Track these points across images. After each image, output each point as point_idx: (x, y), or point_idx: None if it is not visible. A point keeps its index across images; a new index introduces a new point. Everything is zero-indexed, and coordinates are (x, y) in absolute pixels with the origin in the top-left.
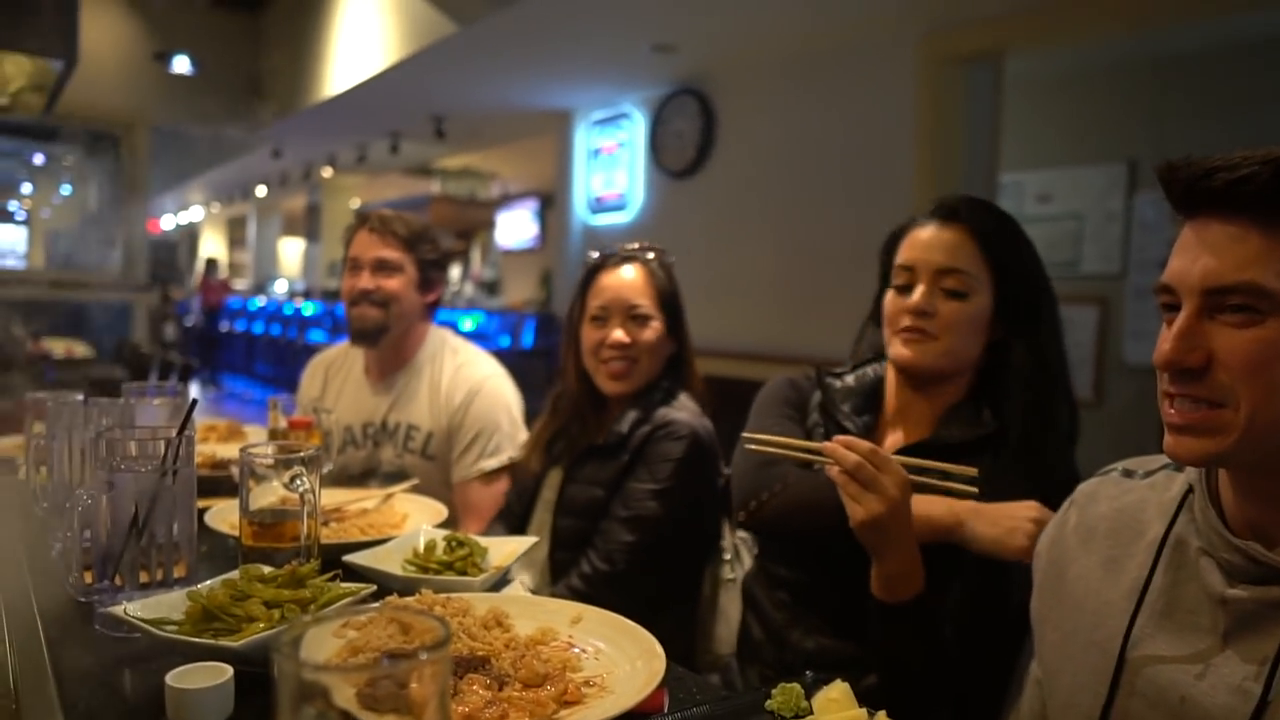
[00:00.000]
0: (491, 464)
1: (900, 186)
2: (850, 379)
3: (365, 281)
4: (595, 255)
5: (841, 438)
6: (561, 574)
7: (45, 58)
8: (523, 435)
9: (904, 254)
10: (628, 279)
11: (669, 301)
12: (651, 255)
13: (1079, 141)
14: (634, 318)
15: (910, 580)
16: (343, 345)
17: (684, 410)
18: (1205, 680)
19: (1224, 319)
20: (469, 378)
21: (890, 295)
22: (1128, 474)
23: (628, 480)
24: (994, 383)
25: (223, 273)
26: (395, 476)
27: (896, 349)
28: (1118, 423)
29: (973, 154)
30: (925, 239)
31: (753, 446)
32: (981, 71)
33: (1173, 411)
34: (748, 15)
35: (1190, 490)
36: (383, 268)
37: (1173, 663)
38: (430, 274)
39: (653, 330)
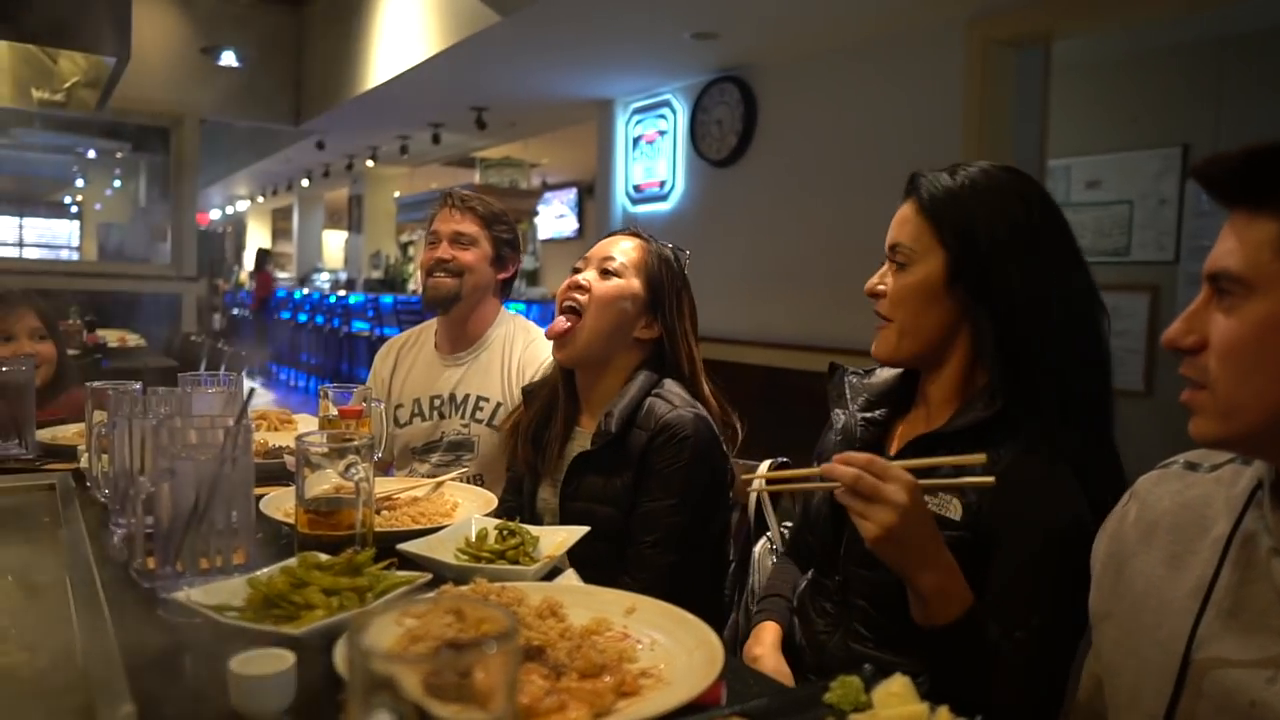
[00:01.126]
0: None
1: None
2: (873, 374)
3: (443, 252)
4: None
5: (839, 455)
6: None
7: (99, 54)
8: None
9: None
10: (616, 240)
11: (654, 280)
12: (662, 244)
13: (1130, 126)
14: (603, 271)
15: (950, 596)
16: (416, 329)
17: (673, 401)
18: (1277, 684)
19: (1219, 303)
20: (542, 352)
21: None
22: (1191, 466)
23: (641, 499)
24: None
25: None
26: (459, 445)
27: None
28: (1169, 413)
29: (1021, 140)
30: (893, 220)
31: (756, 486)
32: (1030, 56)
33: (1184, 391)
34: (789, 2)
35: (1260, 485)
36: (459, 240)
37: (1242, 665)
38: (504, 251)
39: (612, 285)
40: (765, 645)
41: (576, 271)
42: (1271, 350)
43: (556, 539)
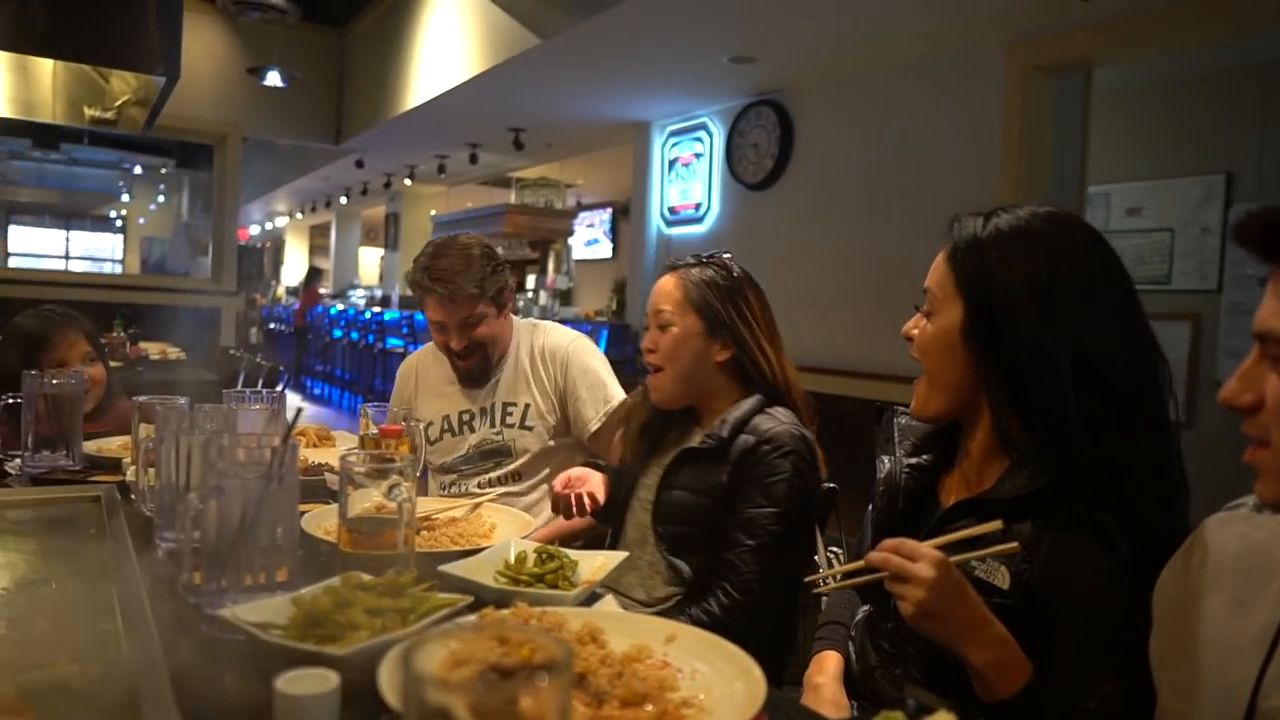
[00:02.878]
0: (614, 406)
1: (985, 199)
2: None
3: (456, 343)
4: None
5: (883, 542)
6: (665, 574)
7: (149, 74)
8: (614, 381)
9: None
10: (659, 287)
11: (702, 305)
12: (704, 264)
13: (1171, 152)
14: (660, 325)
15: (1007, 669)
16: (429, 349)
17: (781, 421)
18: None
19: (1269, 364)
20: (555, 343)
21: None
22: (1260, 508)
23: (739, 504)
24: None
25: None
26: (495, 453)
27: None
28: (1211, 445)
29: (1061, 166)
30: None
31: (819, 590)
32: (1070, 81)
33: (1248, 449)
34: (828, 26)
35: None
36: (465, 325)
37: None
38: (501, 296)
39: (671, 336)
40: (827, 675)
41: (647, 330)
42: None
43: (595, 563)
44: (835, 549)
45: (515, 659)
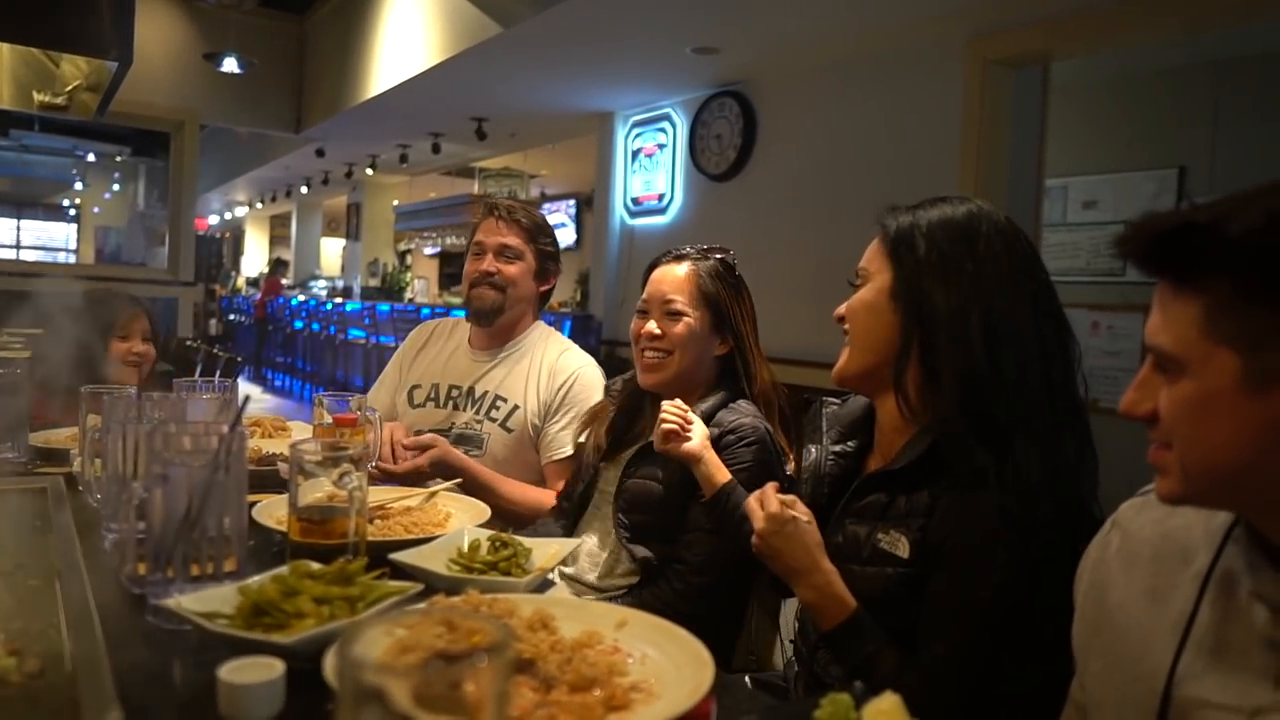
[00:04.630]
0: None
1: (945, 190)
2: (848, 402)
3: (488, 264)
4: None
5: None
6: (625, 564)
7: (101, 58)
8: None
9: None
10: (669, 275)
11: (714, 301)
12: (709, 257)
13: (1126, 147)
14: (669, 313)
15: (825, 609)
16: (460, 318)
17: (744, 414)
18: None
19: (1159, 375)
20: (571, 363)
21: None
22: None
23: (700, 494)
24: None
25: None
26: (467, 439)
27: None
28: None
29: (1018, 159)
30: None
31: None
32: (1028, 76)
33: (1149, 449)
34: (790, 18)
35: (1238, 519)
36: (504, 254)
37: (1220, 707)
38: (547, 265)
39: (684, 325)
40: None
41: (642, 315)
42: (1210, 424)
43: (549, 551)
44: None
45: (463, 645)
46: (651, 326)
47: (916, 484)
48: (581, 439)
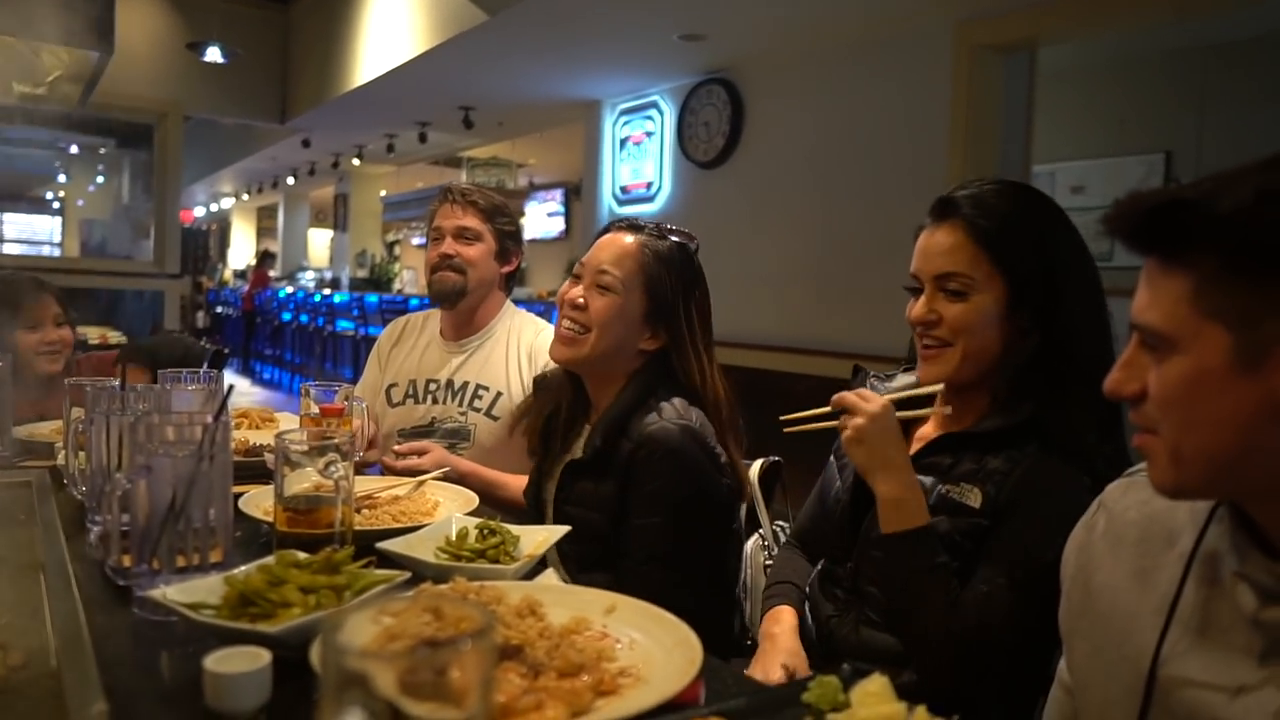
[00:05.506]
0: None
1: (933, 177)
2: (896, 380)
3: (447, 247)
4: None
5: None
6: None
7: (82, 48)
8: None
9: (913, 261)
10: (614, 243)
11: (655, 286)
12: (666, 237)
13: (1114, 131)
14: (600, 285)
15: (905, 508)
16: (426, 312)
17: (662, 413)
18: (1239, 703)
19: (1147, 353)
20: (547, 344)
21: (909, 302)
22: None
23: (628, 514)
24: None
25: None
26: (455, 433)
27: (919, 368)
28: None
29: (1007, 144)
30: (924, 244)
31: (790, 430)
32: (1016, 61)
33: (1135, 435)
34: (777, 5)
35: (1221, 500)
36: (462, 236)
37: (1206, 685)
38: (507, 245)
39: (611, 302)
40: (783, 625)
41: (575, 278)
42: (1203, 404)
43: (537, 538)
44: (781, 523)
45: (450, 633)
46: (577, 293)
47: (991, 448)
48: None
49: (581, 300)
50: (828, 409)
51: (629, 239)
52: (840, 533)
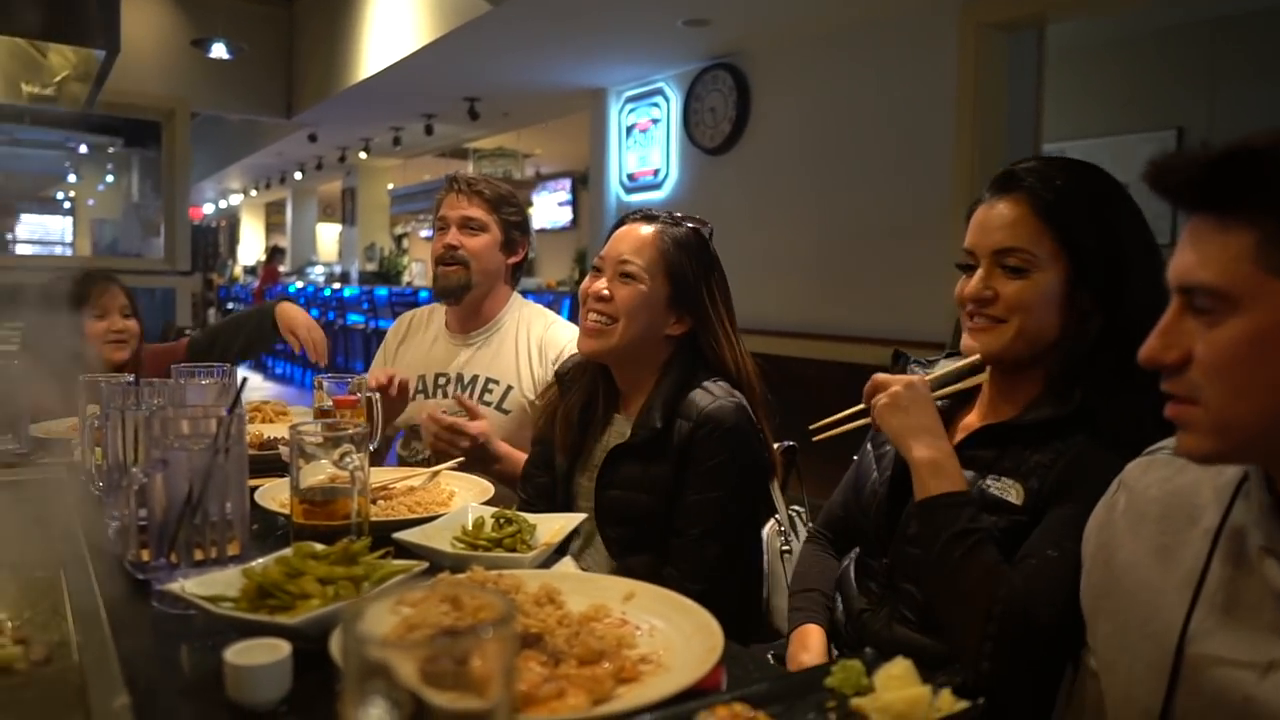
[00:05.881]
0: None
1: (940, 159)
2: (938, 367)
3: (451, 238)
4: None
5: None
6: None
7: (88, 48)
8: None
9: (967, 235)
10: (631, 234)
11: (676, 272)
12: (681, 224)
13: (1123, 109)
14: (622, 275)
15: (941, 472)
16: (431, 306)
17: (714, 393)
18: (1269, 680)
19: (1198, 317)
20: (560, 336)
21: (960, 280)
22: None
23: (685, 491)
24: (1084, 358)
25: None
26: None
27: (964, 339)
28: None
29: (1015, 124)
30: (982, 217)
31: (819, 436)
32: (1023, 39)
33: (1168, 405)
34: None
35: (1247, 476)
36: (467, 226)
37: (1234, 663)
38: (513, 235)
39: (636, 291)
40: (812, 651)
41: (596, 272)
42: (1261, 367)
43: (554, 526)
44: (797, 508)
45: (469, 622)
46: (600, 285)
47: (1037, 441)
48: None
49: (606, 292)
50: (854, 409)
51: (646, 229)
52: (876, 526)
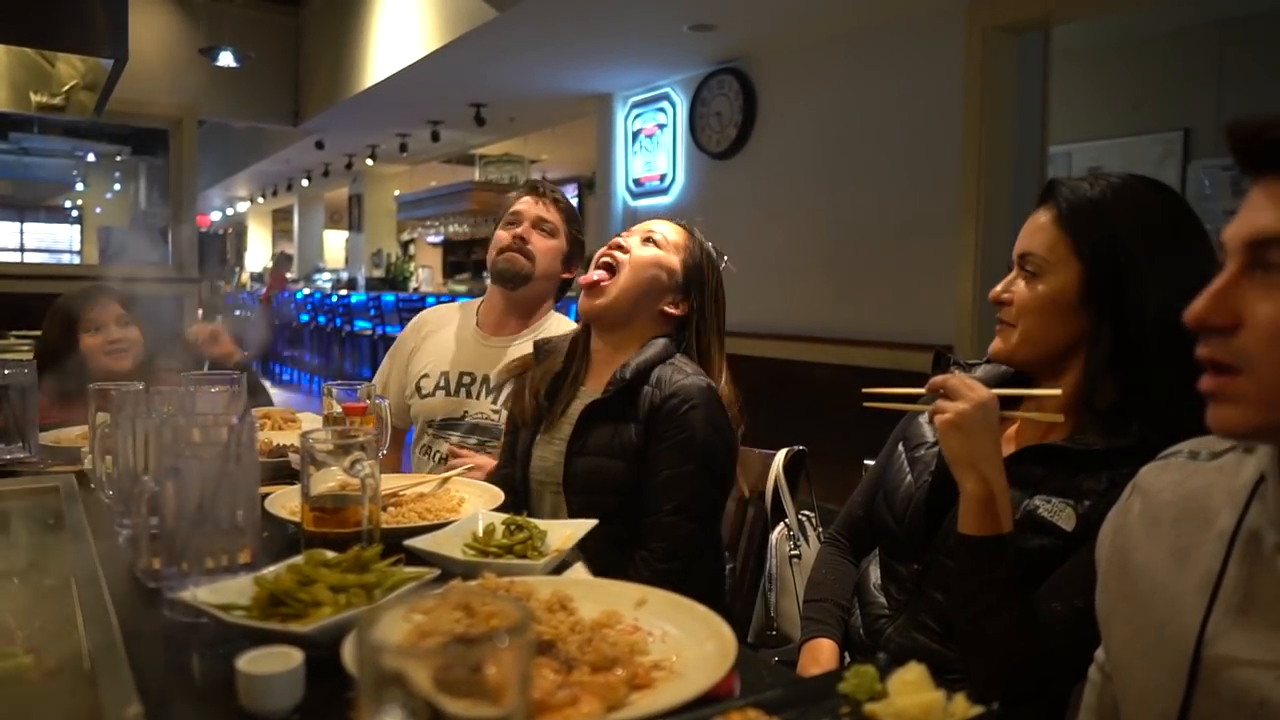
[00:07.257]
0: None
1: (947, 162)
2: (979, 370)
3: (524, 231)
4: None
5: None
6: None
7: (97, 56)
8: None
9: None
10: (663, 221)
11: (692, 264)
12: (705, 242)
13: (1131, 111)
14: (645, 239)
15: (986, 511)
16: (455, 305)
17: (686, 373)
18: None
19: (1262, 278)
20: None
21: None
22: (1193, 456)
23: (656, 466)
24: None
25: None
26: (484, 429)
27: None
28: None
29: (1022, 126)
30: (1026, 224)
31: (871, 404)
32: (1029, 41)
33: (1205, 376)
34: None
35: (1264, 478)
36: (541, 227)
37: (1252, 663)
38: (575, 251)
39: (652, 254)
40: (823, 666)
41: (614, 236)
42: None
43: (565, 533)
44: (807, 512)
45: (482, 629)
46: (620, 239)
47: (1089, 466)
48: (503, 404)
49: (624, 244)
50: (912, 390)
51: (675, 228)
52: (911, 531)
